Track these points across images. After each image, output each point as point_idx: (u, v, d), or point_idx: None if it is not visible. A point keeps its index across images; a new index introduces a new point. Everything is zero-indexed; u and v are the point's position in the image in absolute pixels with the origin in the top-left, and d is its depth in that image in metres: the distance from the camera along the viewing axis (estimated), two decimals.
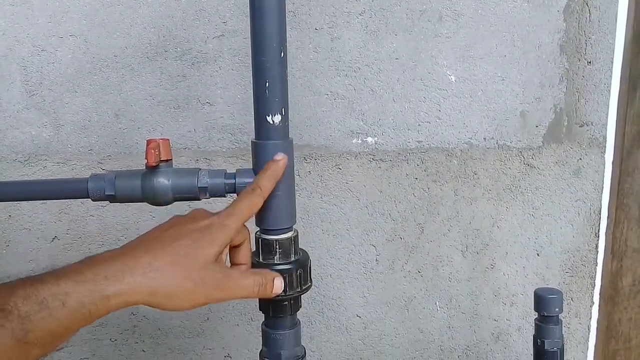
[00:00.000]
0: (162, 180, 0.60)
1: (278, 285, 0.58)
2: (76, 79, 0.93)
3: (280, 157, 0.60)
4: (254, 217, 0.64)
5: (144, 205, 0.62)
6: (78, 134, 0.95)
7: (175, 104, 0.96)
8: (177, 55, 0.94)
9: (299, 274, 0.63)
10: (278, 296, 0.61)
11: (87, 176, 0.62)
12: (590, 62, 1.05)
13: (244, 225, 0.60)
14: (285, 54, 0.60)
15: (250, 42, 0.60)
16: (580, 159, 1.08)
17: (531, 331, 0.85)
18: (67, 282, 0.47)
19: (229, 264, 0.61)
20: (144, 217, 0.98)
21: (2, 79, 0.91)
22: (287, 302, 0.63)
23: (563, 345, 0.81)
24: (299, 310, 0.65)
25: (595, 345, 1.19)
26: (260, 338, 0.66)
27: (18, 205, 0.95)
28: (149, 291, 0.50)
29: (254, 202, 0.58)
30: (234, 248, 0.60)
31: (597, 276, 1.15)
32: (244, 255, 0.61)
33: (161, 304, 0.51)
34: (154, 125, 0.96)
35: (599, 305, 1.17)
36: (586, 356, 1.18)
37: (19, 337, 0.44)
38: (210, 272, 0.53)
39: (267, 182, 0.59)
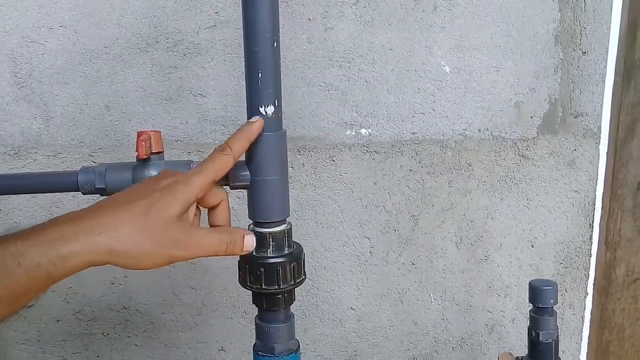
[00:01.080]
0: (153, 173, 0.60)
1: (249, 242, 0.57)
2: (66, 70, 0.92)
3: (256, 119, 0.59)
4: (246, 211, 0.63)
5: None
6: (68, 127, 0.93)
7: (167, 95, 0.95)
8: (169, 46, 0.93)
9: (293, 267, 0.62)
10: (272, 289, 0.61)
11: (78, 169, 0.61)
12: (585, 53, 1.04)
13: (219, 185, 0.59)
14: (278, 44, 0.59)
15: (242, 33, 0.59)
16: (575, 149, 1.08)
17: (525, 322, 0.84)
18: (24, 242, 0.47)
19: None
20: None
21: None
22: (280, 296, 0.63)
23: (558, 336, 0.81)
24: (292, 303, 0.65)
25: (589, 336, 1.19)
26: (254, 331, 0.66)
27: (8, 199, 0.94)
28: (106, 250, 0.49)
29: (224, 160, 0.57)
30: (211, 210, 0.59)
31: (591, 267, 1.15)
32: (222, 216, 0.60)
33: (122, 263, 0.50)
34: (145, 118, 0.95)
35: (593, 296, 1.17)
36: (580, 347, 1.19)
37: None
38: (171, 231, 0.52)
39: (238, 142, 0.58)
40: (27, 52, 0.90)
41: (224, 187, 0.62)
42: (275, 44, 0.59)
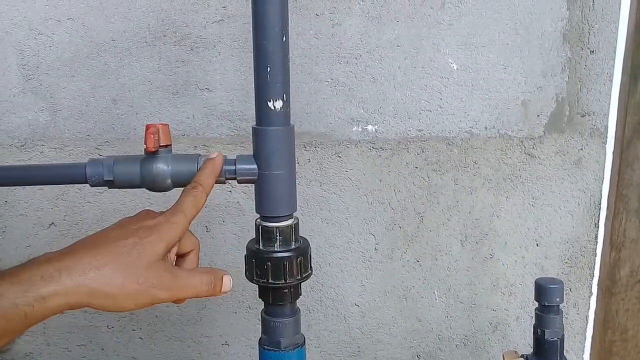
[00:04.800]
0: (161, 166, 0.60)
1: (227, 283, 0.57)
2: (73, 63, 0.92)
3: (216, 154, 0.61)
4: (253, 205, 0.63)
5: (142, 192, 0.62)
6: (75, 119, 0.94)
7: (174, 89, 0.95)
8: (176, 40, 0.93)
9: (300, 261, 0.62)
10: (279, 284, 0.61)
11: (85, 161, 0.61)
12: (592, 52, 1.04)
13: (193, 234, 0.59)
14: (287, 39, 0.59)
15: (251, 27, 0.59)
16: (582, 149, 1.08)
17: (529, 321, 0.85)
18: (2, 283, 0.45)
19: None
20: (141, 204, 0.97)
21: None
22: (287, 290, 0.63)
23: (563, 335, 0.81)
24: (299, 298, 0.65)
25: (593, 336, 1.19)
26: (258, 326, 0.66)
27: (14, 190, 0.94)
28: (87, 292, 0.48)
29: (198, 198, 0.57)
30: (181, 257, 0.59)
31: (596, 267, 1.15)
32: (192, 263, 0.60)
33: (103, 306, 0.49)
34: (152, 111, 0.95)
35: (597, 296, 1.17)
36: (583, 347, 1.18)
37: None
38: (156, 270, 0.51)
39: (207, 179, 0.59)
40: (35, 44, 0.90)
41: (231, 181, 0.62)
42: (284, 39, 0.59)
